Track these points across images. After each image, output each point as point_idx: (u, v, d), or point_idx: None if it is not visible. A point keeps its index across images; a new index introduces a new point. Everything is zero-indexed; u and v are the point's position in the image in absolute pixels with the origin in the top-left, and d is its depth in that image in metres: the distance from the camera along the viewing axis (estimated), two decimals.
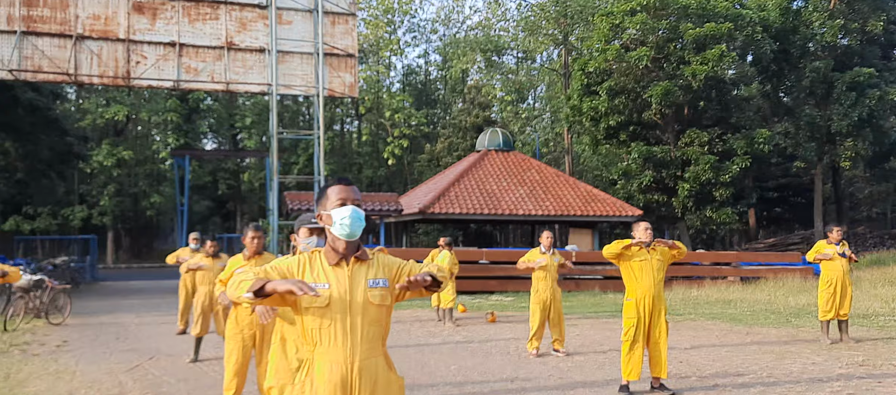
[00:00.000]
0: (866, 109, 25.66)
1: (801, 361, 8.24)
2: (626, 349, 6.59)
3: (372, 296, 2.70)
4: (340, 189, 2.77)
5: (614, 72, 25.97)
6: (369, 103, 45.40)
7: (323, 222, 2.80)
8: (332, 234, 2.73)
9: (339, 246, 2.73)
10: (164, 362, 8.87)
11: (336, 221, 2.70)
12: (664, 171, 26.02)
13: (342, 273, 2.71)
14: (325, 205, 2.78)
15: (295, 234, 4.27)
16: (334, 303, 2.65)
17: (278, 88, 18.88)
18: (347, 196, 2.75)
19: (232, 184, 46.55)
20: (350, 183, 2.82)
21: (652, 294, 6.56)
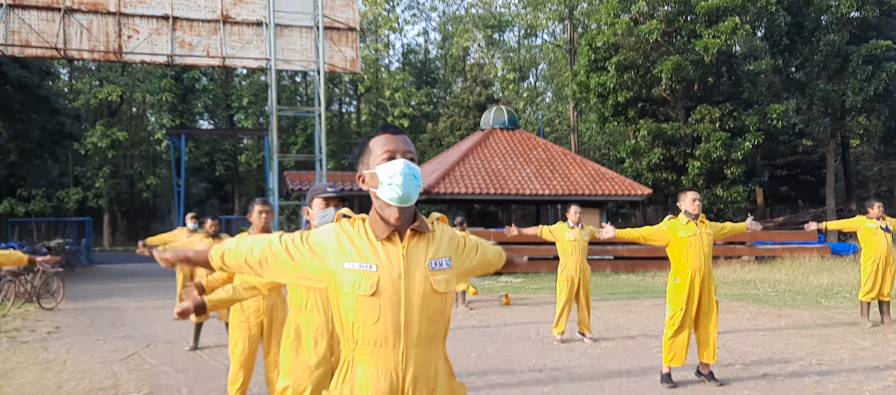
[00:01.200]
0: (882, 82, 24.95)
1: (847, 346, 7.65)
2: (670, 334, 5.96)
3: (435, 281, 2.06)
4: (387, 139, 2.11)
5: (623, 46, 25.20)
6: (369, 83, 44.65)
7: (365, 184, 2.15)
8: (380, 199, 2.08)
9: (390, 215, 2.08)
10: (162, 349, 8.27)
11: (384, 180, 2.05)
12: (674, 148, 25.36)
13: (394, 251, 2.06)
14: (368, 161, 2.12)
15: (307, 207, 3.64)
16: (384, 290, 2.01)
17: (277, 64, 18.17)
18: (397, 147, 2.09)
19: (229, 165, 45.83)
20: (398, 131, 2.16)
21: (702, 273, 5.94)
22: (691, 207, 6.01)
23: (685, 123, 25.34)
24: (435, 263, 2.07)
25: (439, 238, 2.14)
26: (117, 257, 31.53)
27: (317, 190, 3.64)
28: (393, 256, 2.04)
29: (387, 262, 2.03)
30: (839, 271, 16.38)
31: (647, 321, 9.88)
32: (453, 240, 2.18)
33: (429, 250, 2.09)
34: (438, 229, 2.17)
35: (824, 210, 30.09)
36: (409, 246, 2.07)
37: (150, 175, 42.66)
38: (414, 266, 2.04)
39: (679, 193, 6.26)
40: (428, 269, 2.05)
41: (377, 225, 2.08)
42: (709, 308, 5.98)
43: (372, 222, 2.10)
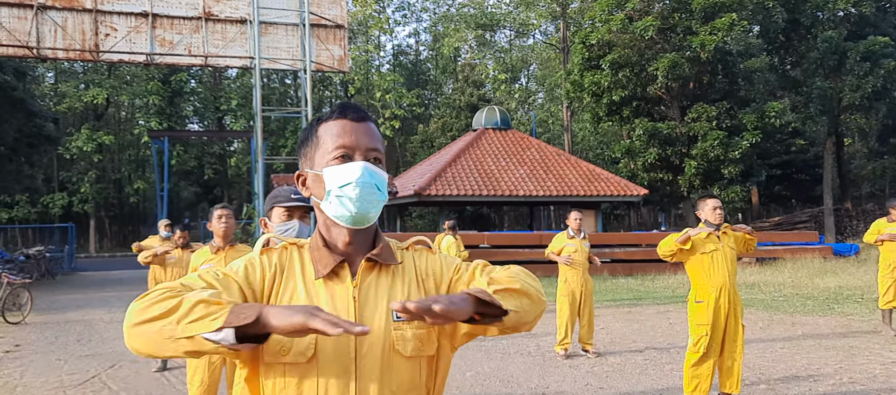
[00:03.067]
0: (880, 79, 24.49)
1: (876, 359, 7.04)
2: (693, 362, 5.28)
3: (399, 340, 1.39)
4: (344, 127, 1.44)
5: (617, 44, 24.62)
6: (359, 84, 44.00)
7: (307, 189, 1.50)
8: (325, 214, 1.44)
9: (338, 238, 1.45)
10: (126, 371, 7.57)
11: (332, 189, 1.40)
12: (669, 148, 24.78)
13: (342, 293, 1.41)
14: (313, 155, 1.47)
15: (264, 217, 2.96)
16: (324, 355, 1.34)
17: (262, 62, 17.46)
18: (356, 141, 1.42)
19: (219, 169, 45.05)
20: (362, 116, 1.47)
21: (727, 291, 5.27)
22: (712, 216, 5.35)
23: (681, 122, 24.78)
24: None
25: (411, 273, 1.46)
26: (103, 263, 30.69)
27: (277, 197, 2.96)
28: (339, 300, 1.39)
29: (328, 308, 1.37)
30: (844, 273, 15.84)
31: (653, 332, 9.25)
32: (434, 276, 1.49)
33: (393, 290, 1.43)
34: (410, 259, 1.50)
35: (821, 210, 29.62)
36: (363, 285, 1.41)
37: (137, 179, 41.83)
38: (369, 315, 1.39)
39: (698, 200, 5.60)
40: (390, 320, 1.39)
41: (319, 255, 1.43)
42: (734, 333, 5.31)
43: (312, 250, 1.45)
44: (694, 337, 5.32)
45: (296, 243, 1.49)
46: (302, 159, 1.50)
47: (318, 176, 1.44)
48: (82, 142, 36.85)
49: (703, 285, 5.30)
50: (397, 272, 1.45)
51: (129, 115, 48.76)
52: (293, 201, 2.84)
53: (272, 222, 2.84)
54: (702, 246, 5.30)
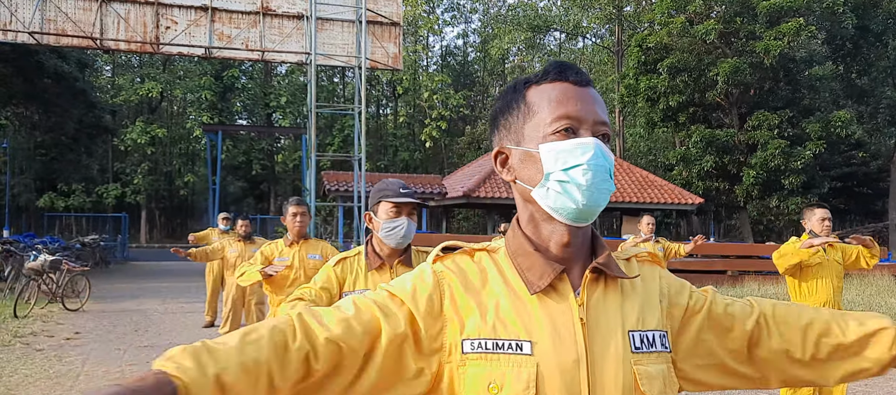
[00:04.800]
0: None
1: None
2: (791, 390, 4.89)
3: (642, 375, 1.08)
4: (564, 92, 1.14)
5: (675, 48, 23.97)
6: (407, 84, 44.00)
7: (508, 170, 1.20)
8: (538, 205, 1.14)
9: (554, 238, 1.14)
10: None
11: (553, 171, 1.10)
12: (727, 156, 24.03)
13: (562, 312, 1.10)
14: (521, 127, 1.16)
15: (369, 212, 2.70)
16: (548, 389, 1.05)
17: (317, 58, 17.42)
18: (585, 113, 1.13)
19: (266, 164, 45.58)
20: (586, 79, 1.17)
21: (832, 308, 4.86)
22: (820, 227, 4.94)
23: (740, 130, 24.00)
24: (640, 338, 1.11)
25: (646, 291, 1.17)
26: (153, 253, 31.27)
27: (385, 190, 2.66)
28: (561, 324, 1.09)
29: (549, 333, 1.07)
30: None
31: None
32: (669, 298, 1.18)
33: (625, 312, 1.13)
34: (636, 271, 1.19)
35: (885, 225, 28.42)
36: (590, 303, 1.11)
37: (188, 173, 42.59)
38: (602, 344, 1.09)
39: (805, 208, 5.20)
40: (628, 350, 1.09)
41: (528, 261, 1.13)
42: None
43: (515, 255, 1.16)
44: None
45: (486, 247, 1.20)
46: (499, 133, 1.20)
47: (529, 155, 1.13)
48: (137, 134, 37.66)
49: (805, 301, 4.90)
50: (627, 289, 1.16)
51: (180, 109, 49.75)
52: (403, 196, 2.58)
53: (378, 218, 2.60)
54: (806, 258, 4.91)
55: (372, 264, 2.58)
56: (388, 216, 2.56)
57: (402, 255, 2.59)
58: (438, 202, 22.49)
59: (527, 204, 1.17)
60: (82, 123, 25.42)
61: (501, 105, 1.21)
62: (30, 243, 17.71)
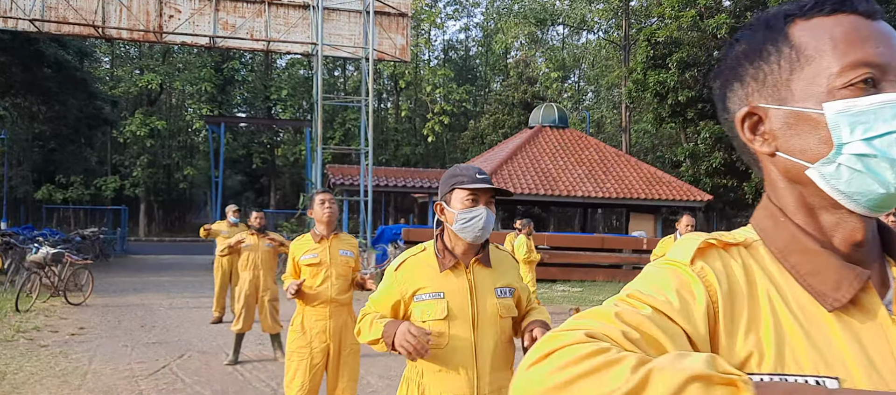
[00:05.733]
0: None
1: None
2: None
3: None
4: (855, 28, 0.81)
5: (685, 42, 23.67)
6: (409, 77, 43.66)
7: (766, 137, 0.86)
8: (814, 186, 0.83)
9: (843, 233, 0.84)
10: (197, 362, 7.17)
11: (853, 140, 0.78)
12: (736, 153, 23.72)
13: (875, 334, 0.78)
14: (787, 81, 0.83)
15: (441, 202, 2.37)
16: None
17: (324, 49, 17.07)
18: (886, 59, 0.79)
19: (266, 158, 45.20)
20: (876, 9, 0.84)
21: None
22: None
23: None
24: None
25: None
26: (152, 247, 30.93)
27: (459, 176, 2.31)
28: (872, 348, 0.77)
29: (862, 365, 0.76)
30: None
31: None
32: None
33: None
34: None
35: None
36: None
37: (187, 166, 42.22)
38: None
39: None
40: None
41: (811, 261, 0.83)
42: None
43: (785, 251, 0.85)
44: None
45: (741, 241, 0.87)
46: (744, 87, 0.89)
47: (805, 117, 0.82)
48: (136, 126, 37.24)
49: None
50: None
51: (180, 101, 49.32)
52: (479, 182, 2.26)
53: (451, 208, 2.27)
54: None
55: (445, 263, 2.26)
56: (463, 206, 2.23)
57: (480, 252, 2.27)
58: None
59: (794, 185, 0.86)
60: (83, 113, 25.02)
61: (746, 49, 0.89)
62: (29, 235, 17.37)
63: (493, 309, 2.23)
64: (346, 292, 4.29)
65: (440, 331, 2.20)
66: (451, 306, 2.19)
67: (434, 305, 2.20)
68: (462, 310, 2.20)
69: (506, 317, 2.25)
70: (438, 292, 2.21)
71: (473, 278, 2.24)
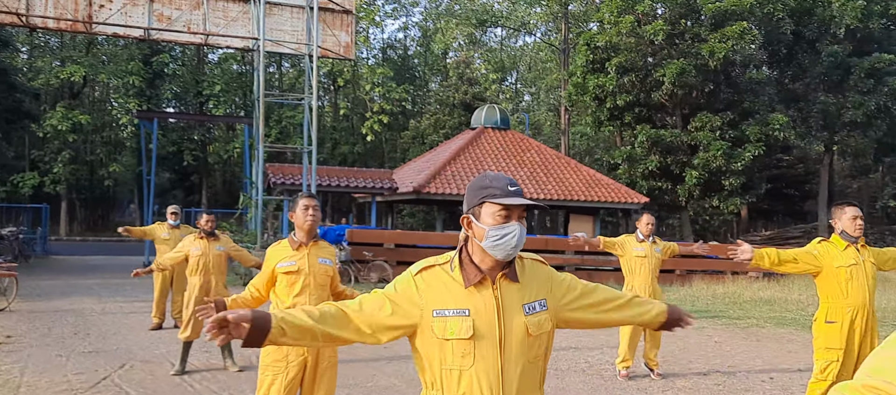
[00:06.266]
0: (883, 97, 24.44)
1: None
2: (817, 392, 4.69)
3: None
4: None
5: (624, 48, 24.16)
6: (347, 76, 43.08)
7: None
8: None
9: None
10: (140, 372, 6.75)
11: None
12: (671, 157, 24.42)
13: None
14: None
15: (468, 215, 2.16)
16: None
17: (265, 45, 16.56)
18: None
19: (198, 155, 43.68)
20: None
21: (865, 313, 4.69)
22: (851, 226, 4.75)
23: (683, 131, 24.43)
24: None
25: None
26: (75, 247, 29.38)
27: (490, 188, 2.09)
28: None
29: None
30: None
31: (699, 350, 8.68)
32: None
33: None
34: None
35: (814, 226, 29.59)
36: None
37: (112, 162, 40.35)
38: None
39: (833, 207, 5.00)
40: None
41: None
42: None
43: None
44: (821, 363, 4.72)
45: None
46: None
47: None
48: (57, 120, 35.30)
49: (838, 303, 4.71)
50: None
51: (104, 95, 47.12)
52: (513, 196, 2.08)
53: (481, 224, 2.08)
54: (838, 259, 4.71)
55: (470, 278, 2.09)
56: (495, 221, 2.05)
57: (506, 267, 2.12)
58: (387, 197, 21.92)
59: None
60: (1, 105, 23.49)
61: None
62: None
63: (521, 329, 2.07)
64: (324, 301, 4.07)
65: (465, 352, 2.04)
66: (476, 325, 2.03)
67: (459, 323, 2.03)
68: (489, 330, 2.04)
69: (536, 334, 2.10)
70: (464, 310, 2.04)
71: (501, 295, 2.09)
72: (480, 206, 2.10)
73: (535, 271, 2.22)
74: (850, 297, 4.65)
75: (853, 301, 4.65)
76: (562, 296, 2.22)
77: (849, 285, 4.65)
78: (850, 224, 4.73)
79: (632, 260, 7.03)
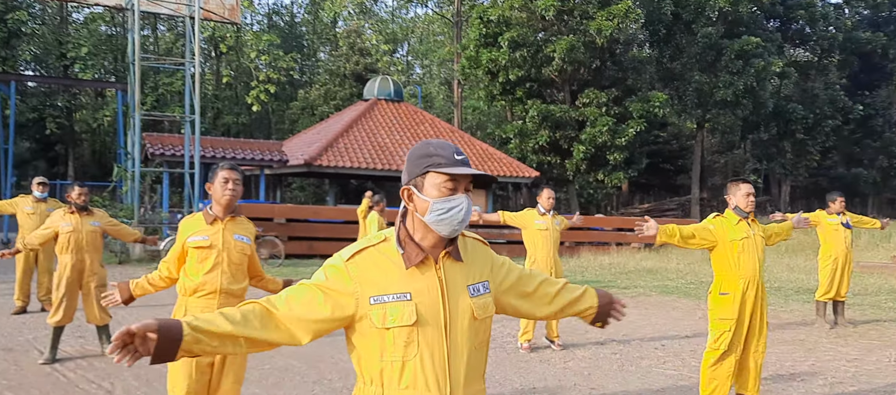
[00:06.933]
0: (751, 78, 26.20)
1: (836, 354, 7.05)
2: (712, 361, 4.84)
3: None
4: None
5: (516, 22, 24.40)
6: (231, 42, 41.06)
7: None
8: None
9: None
10: (3, 362, 6.04)
11: None
12: (559, 132, 25.06)
13: None
14: None
15: (408, 186, 1.92)
16: None
17: (141, 3, 15.31)
18: None
19: (63, 123, 40.24)
20: None
21: (756, 285, 4.87)
22: (744, 202, 4.90)
23: (572, 107, 25.11)
24: None
25: None
26: None
27: (434, 156, 1.88)
28: None
29: None
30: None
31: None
32: None
33: None
34: None
35: (688, 198, 31.48)
36: None
37: None
38: None
39: (729, 183, 5.13)
40: None
41: None
42: (760, 329, 4.91)
43: None
44: (715, 333, 4.87)
45: None
46: None
47: None
48: None
49: (731, 276, 4.86)
50: None
51: None
52: (460, 166, 1.86)
53: (424, 196, 1.84)
54: (731, 233, 4.85)
55: (411, 258, 1.85)
56: (440, 193, 1.82)
57: (450, 245, 1.90)
58: (276, 170, 21.10)
59: None
60: None
61: None
62: None
63: (466, 312, 1.87)
64: (239, 282, 3.73)
65: (408, 340, 1.81)
66: (419, 310, 1.80)
67: (400, 308, 1.79)
68: (433, 314, 1.82)
69: (481, 318, 1.91)
70: (404, 294, 1.81)
71: (444, 276, 1.87)
72: (423, 176, 1.87)
73: (476, 251, 2.02)
74: (742, 269, 4.81)
75: (744, 273, 4.81)
76: (501, 280, 2.05)
77: (741, 258, 4.81)
78: (744, 200, 4.89)
79: (534, 234, 7.04)
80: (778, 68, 26.80)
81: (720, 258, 4.91)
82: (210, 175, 3.70)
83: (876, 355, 6.95)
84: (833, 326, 8.51)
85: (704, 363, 4.91)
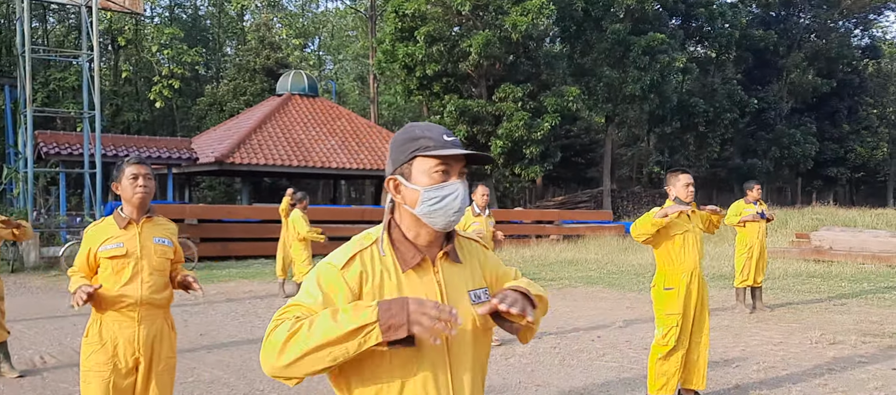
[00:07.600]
0: (657, 73, 27.17)
1: (762, 338, 7.29)
2: (660, 356, 4.82)
3: None
4: None
5: (431, 17, 24.26)
6: (129, 35, 38.93)
7: None
8: None
9: None
10: None
11: None
12: (477, 126, 25.15)
13: None
14: None
15: (393, 176, 1.67)
16: None
17: None
18: None
19: None
20: None
21: (697, 277, 4.88)
22: (684, 193, 4.89)
23: (488, 101, 25.24)
24: None
25: None
26: None
27: (421, 139, 1.65)
28: None
29: None
30: (642, 251, 17.05)
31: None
32: None
33: None
34: None
35: (600, 191, 32.37)
36: None
37: None
38: None
39: (668, 174, 5.11)
40: None
41: None
42: (701, 320, 4.94)
43: None
44: (663, 328, 4.86)
45: None
46: None
47: None
48: None
49: (673, 269, 4.85)
50: None
51: None
52: (451, 147, 1.63)
53: (413, 184, 1.60)
54: (674, 227, 4.84)
55: (407, 260, 1.62)
56: (431, 180, 1.58)
57: (447, 244, 1.68)
58: (185, 169, 20.08)
59: None
60: None
61: None
62: None
63: (468, 319, 1.66)
64: (162, 291, 3.29)
65: (408, 357, 1.58)
66: None
67: None
68: None
69: (484, 328, 1.71)
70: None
71: (443, 280, 1.65)
72: (410, 163, 1.63)
73: (472, 251, 1.81)
74: (685, 262, 4.82)
75: (686, 266, 4.82)
76: (494, 283, 1.85)
77: (682, 251, 4.81)
78: (683, 191, 4.88)
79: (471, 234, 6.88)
80: (681, 64, 27.91)
81: (662, 252, 4.90)
82: (115, 174, 3.29)
83: (797, 337, 7.24)
84: (752, 310, 8.84)
85: (652, 358, 4.89)
